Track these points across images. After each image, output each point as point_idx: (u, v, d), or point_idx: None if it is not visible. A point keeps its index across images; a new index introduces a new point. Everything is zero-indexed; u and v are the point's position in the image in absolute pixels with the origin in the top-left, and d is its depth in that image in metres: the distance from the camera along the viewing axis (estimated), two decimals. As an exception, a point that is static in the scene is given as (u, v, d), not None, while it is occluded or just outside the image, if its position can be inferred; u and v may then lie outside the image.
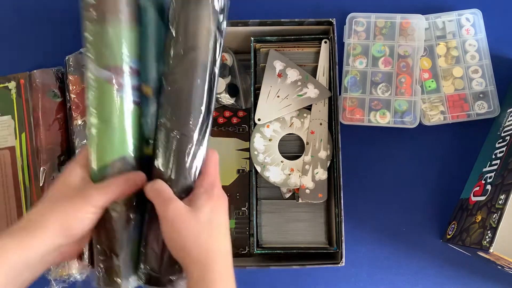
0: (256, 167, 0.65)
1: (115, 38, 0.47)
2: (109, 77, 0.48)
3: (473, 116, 0.72)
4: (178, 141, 0.48)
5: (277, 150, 0.66)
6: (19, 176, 0.72)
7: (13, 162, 0.72)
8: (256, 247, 0.63)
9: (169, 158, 0.49)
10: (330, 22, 0.66)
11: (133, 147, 0.50)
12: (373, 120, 0.72)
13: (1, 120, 0.73)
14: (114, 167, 0.49)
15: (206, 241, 0.49)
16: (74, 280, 0.68)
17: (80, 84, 0.72)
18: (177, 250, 0.50)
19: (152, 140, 0.51)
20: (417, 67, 0.72)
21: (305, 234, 0.65)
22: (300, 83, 0.66)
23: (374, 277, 0.71)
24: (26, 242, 0.47)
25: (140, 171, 0.50)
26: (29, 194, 0.71)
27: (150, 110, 0.51)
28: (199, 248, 0.49)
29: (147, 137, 0.51)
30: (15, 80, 0.74)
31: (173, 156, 0.48)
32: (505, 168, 0.62)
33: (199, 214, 0.49)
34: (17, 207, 0.71)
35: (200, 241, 0.49)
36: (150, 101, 0.51)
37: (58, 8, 0.79)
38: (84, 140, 0.70)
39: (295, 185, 0.65)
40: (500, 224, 0.57)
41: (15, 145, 0.73)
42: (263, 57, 0.68)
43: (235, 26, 0.67)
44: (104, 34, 0.47)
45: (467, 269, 0.71)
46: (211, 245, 0.49)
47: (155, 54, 0.51)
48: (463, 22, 0.74)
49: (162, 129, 0.49)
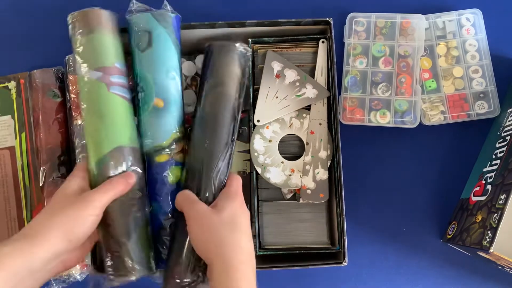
0: (256, 168, 0.65)
1: (101, 43, 0.57)
2: (100, 76, 0.56)
3: (473, 116, 0.72)
4: (207, 155, 0.57)
5: (277, 151, 0.66)
6: (19, 176, 0.72)
7: (13, 162, 0.72)
8: (258, 249, 0.63)
9: (196, 169, 0.57)
10: (327, 22, 0.66)
11: (127, 137, 0.57)
12: (373, 120, 0.72)
13: (1, 120, 0.73)
14: (112, 156, 0.55)
15: (227, 237, 0.52)
16: (74, 280, 0.68)
17: (80, 84, 0.72)
18: (201, 246, 0.53)
19: (165, 145, 0.58)
20: (417, 67, 0.72)
21: (307, 234, 0.65)
22: (299, 83, 0.66)
23: (374, 277, 0.72)
24: (28, 249, 0.48)
25: (131, 172, 0.56)
26: (29, 194, 0.71)
27: (161, 118, 0.59)
28: (221, 242, 0.51)
29: (159, 143, 0.58)
30: (15, 80, 0.74)
31: (201, 168, 0.56)
32: (506, 168, 0.62)
33: (221, 213, 0.53)
34: (17, 207, 0.72)
35: (222, 236, 0.51)
36: (161, 111, 0.59)
37: (58, 8, 0.79)
38: (84, 140, 0.70)
39: (296, 186, 0.65)
40: (500, 224, 0.57)
41: (15, 145, 0.73)
42: (260, 58, 0.68)
43: (232, 27, 0.67)
44: (92, 41, 0.57)
45: (467, 269, 0.71)
46: (232, 240, 0.52)
47: (166, 72, 0.59)
48: (463, 22, 0.74)
49: (193, 144, 0.58)
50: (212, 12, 0.77)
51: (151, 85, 0.59)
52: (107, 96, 0.56)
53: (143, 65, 0.60)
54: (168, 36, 0.60)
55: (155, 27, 0.59)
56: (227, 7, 0.78)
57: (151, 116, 0.59)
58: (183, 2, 0.78)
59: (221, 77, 0.59)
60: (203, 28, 0.66)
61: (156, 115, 0.59)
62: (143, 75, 0.59)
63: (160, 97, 0.59)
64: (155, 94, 0.59)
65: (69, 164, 0.71)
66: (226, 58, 0.59)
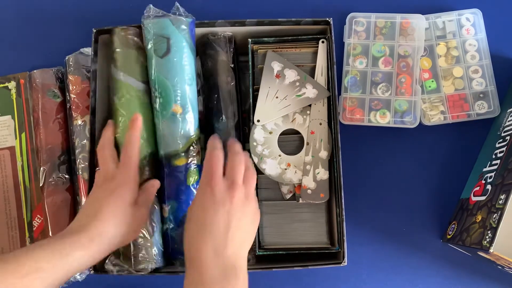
0: (253, 158, 0.65)
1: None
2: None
3: (473, 116, 0.72)
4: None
5: (276, 144, 0.66)
6: (19, 176, 0.72)
7: (13, 162, 0.72)
8: (258, 249, 0.63)
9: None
10: (327, 22, 0.66)
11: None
12: (373, 120, 0.72)
13: (1, 120, 0.74)
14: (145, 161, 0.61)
15: (192, 241, 0.50)
16: (74, 280, 0.68)
17: (80, 84, 0.72)
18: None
19: (183, 150, 0.61)
20: (417, 67, 0.72)
21: (306, 234, 0.65)
22: (299, 83, 0.66)
23: (374, 277, 0.71)
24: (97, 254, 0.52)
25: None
26: (29, 194, 0.71)
27: (179, 124, 0.60)
28: (188, 246, 0.51)
29: (177, 148, 0.61)
30: (15, 80, 0.74)
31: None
32: (505, 168, 0.62)
33: (190, 210, 0.52)
34: (17, 208, 0.72)
35: (188, 241, 0.51)
36: (179, 118, 0.60)
37: (58, 8, 0.79)
38: (84, 140, 0.70)
39: (290, 181, 0.65)
40: (500, 224, 0.57)
41: (15, 145, 0.73)
42: (260, 58, 0.68)
43: (233, 26, 0.67)
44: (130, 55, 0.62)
45: (467, 269, 0.71)
46: (196, 244, 0.50)
47: (184, 78, 0.61)
48: (463, 22, 0.74)
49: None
50: (212, 11, 0.77)
51: (170, 91, 0.60)
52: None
53: (162, 71, 0.60)
54: (185, 41, 0.61)
55: (173, 33, 0.60)
56: (227, 6, 0.78)
57: (170, 122, 0.60)
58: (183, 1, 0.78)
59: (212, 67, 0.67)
60: (203, 27, 0.66)
61: (173, 120, 0.60)
62: (162, 81, 0.60)
63: (178, 103, 0.60)
64: (174, 101, 0.60)
65: (69, 164, 0.71)
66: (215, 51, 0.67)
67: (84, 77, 0.72)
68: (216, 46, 0.66)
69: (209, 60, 0.66)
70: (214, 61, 0.66)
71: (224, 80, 0.66)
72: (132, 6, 0.78)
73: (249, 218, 0.53)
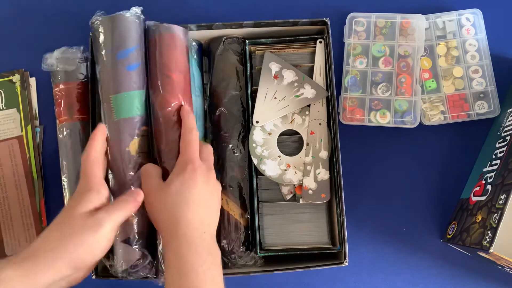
0: (253, 159, 0.65)
1: None
2: None
3: (473, 116, 0.72)
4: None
5: (276, 145, 0.66)
6: (29, 165, 0.72)
7: (22, 151, 0.72)
8: (259, 250, 0.63)
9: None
10: (324, 22, 0.66)
11: None
12: (373, 120, 0.72)
13: (6, 113, 0.74)
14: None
15: (173, 210, 0.52)
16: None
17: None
18: (153, 221, 0.55)
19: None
20: (417, 67, 0.72)
21: (307, 235, 0.65)
22: (297, 84, 0.66)
23: (374, 277, 0.72)
24: (32, 275, 0.46)
25: (139, 189, 0.55)
26: (37, 187, 0.71)
27: None
28: (167, 216, 0.52)
29: None
30: (19, 72, 0.74)
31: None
32: (506, 168, 0.62)
33: (168, 186, 0.53)
34: (30, 195, 0.71)
35: (167, 210, 0.52)
36: None
37: (58, 8, 0.79)
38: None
39: (290, 181, 0.65)
40: (500, 224, 0.57)
41: (22, 134, 0.73)
42: (258, 59, 0.68)
43: (230, 28, 0.67)
44: None
45: (467, 269, 0.71)
46: (177, 213, 0.52)
47: (193, 92, 0.63)
48: (463, 22, 0.74)
49: None
50: (209, 13, 0.77)
51: None
52: None
53: None
54: (193, 59, 0.65)
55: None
56: (223, 8, 0.78)
57: None
58: (180, 2, 0.78)
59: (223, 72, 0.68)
60: (200, 30, 0.66)
61: None
62: None
63: None
64: None
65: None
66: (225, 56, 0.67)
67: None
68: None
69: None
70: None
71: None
72: (131, 5, 0.78)
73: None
